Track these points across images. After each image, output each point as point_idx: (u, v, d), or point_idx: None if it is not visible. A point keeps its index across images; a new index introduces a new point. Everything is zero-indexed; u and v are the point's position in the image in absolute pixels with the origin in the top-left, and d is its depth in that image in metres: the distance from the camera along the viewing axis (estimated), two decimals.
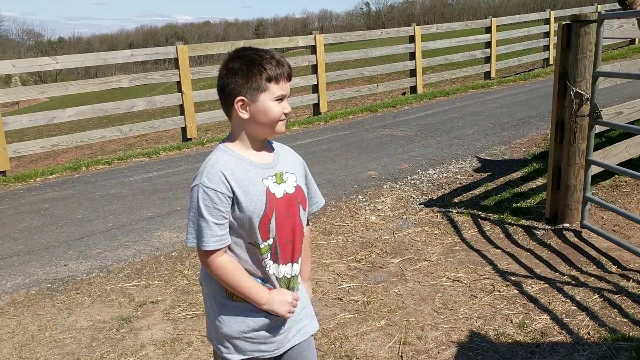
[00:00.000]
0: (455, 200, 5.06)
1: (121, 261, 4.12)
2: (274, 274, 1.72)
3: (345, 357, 2.90)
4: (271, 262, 1.71)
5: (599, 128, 4.77)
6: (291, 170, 1.77)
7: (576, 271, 3.71)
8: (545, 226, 4.39)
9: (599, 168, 4.39)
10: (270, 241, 1.69)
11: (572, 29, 4.12)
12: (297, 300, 1.76)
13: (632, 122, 4.84)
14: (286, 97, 1.71)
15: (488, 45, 12.90)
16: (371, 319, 3.25)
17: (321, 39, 10.02)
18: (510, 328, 3.08)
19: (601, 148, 4.65)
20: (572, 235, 4.21)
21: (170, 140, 11.53)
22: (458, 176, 5.64)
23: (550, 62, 13.90)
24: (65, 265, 4.09)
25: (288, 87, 1.71)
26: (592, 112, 4.07)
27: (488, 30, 12.91)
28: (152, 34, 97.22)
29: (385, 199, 5.14)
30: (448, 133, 7.47)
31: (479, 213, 4.73)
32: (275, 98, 1.67)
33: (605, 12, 3.89)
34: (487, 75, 13.04)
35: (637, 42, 15.06)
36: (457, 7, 76.79)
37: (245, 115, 1.68)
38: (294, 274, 1.77)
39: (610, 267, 3.73)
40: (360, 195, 5.22)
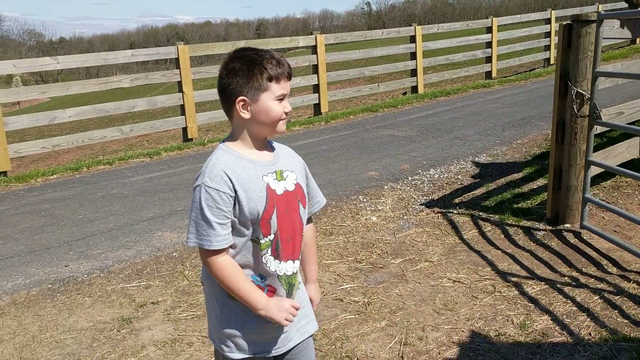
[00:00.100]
0: (456, 200, 5.06)
1: (122, 262, 4.12)
2: (275, 271, 1.71)
3: (346, 358, 2.90)
4: (272, 258, 1.71)
5: (601, 128, 4.77)
6: (291, 168, 1.78)
7: (577, 272, 3.70)
8: (546, 227, 4.39)
9: (600, 169, 4.38)
10: (271, 237, 1.69)
11: (573, 29, 4.11)
12: (297, 309, 1.73)
13: (633, 122, 4.83)
14: (286, 97, 1.72)
15: (489, 45, 12.90)
16: (372, 320, 3.25)
17: (322, 39, 10.02)
18: (511, 329, 3.08)
19: (603, 148, 4.65)
20: (573, 236, 4.21)
21: (171, 140, 11.54)
22: (459, 177, 5.64)
23: (552, 61, 13.89)
24: (66, 266, 4.09)
25: (288, 86, 1.72)
26: (591, 113, 4.07)
27: (489, 30, 12.91)
28: (153, 34, 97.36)
29: (386, 200, 5.14)
30: (449, 133, 7.47)
31: (480, 214, 4.72)
32: (276, 97, 1.68)
33: (604, 12, 3.88)
34: (488, 75, 13.03)
35: (638, 42, 15.04)
36: (458, 6, 76.81)
37: (246, 115, 1.69)
38: (295, 271, 1.77)
39: (611, 268, 3.72)
40: (361, 195, 5.22)
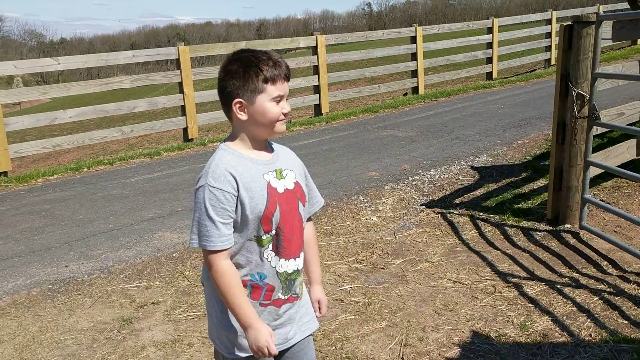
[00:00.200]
0: (457, 201, 5.06)
1: (122, 262, 4.12)
2: (275, 267, 1.71)
3: (346, 359, 2.90)
4: (273, 254, 1.71)
5: (602, 129, 4.77)
6: (290, 167, 1.80)
7: (577, 273, 3.70)
8: (547, 227, 4.39)
9: (600, 169, 4.38)
10: (273, 233, 1.69)
11: (573, 30, 4.11)
12: (274, 355, 1.69)
13: (634, 123, 4.83)
14: (284, 97, 1.71)
15: (490, 45, 12.90)
16: (372, 321, 3.24)
17: (323, 40, 10.02)
18: (512, 329, 3.08)
19: (604, 149, 4.64)
20: (573, 237, 4.21)
21: (171, 140, 11.54)
22: (459, 177, 5.64)
23: (552, 62, 13.88)
24: (66, 266, 4.09)
25: (286, 87, 1.71)
26: (590, 114, 4.07)
27: (490, 30, 12.90)
28: (154, 34, 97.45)
29: (387, 200, 5.14)
30: (449, 134, 7.47)
31: (480, 214, 4.72)
32: (272, 99, 1.68)
33: (604, 13, 3.88)
34: (489, 75, 13.03)
35: (639, 42, 15.04)
36: (458, 7, 76.85)
37: (243, 117, 1.70)
38: (296, 269, 1.77)
39: (611, 269, 3.72)
40: (361, 196, 5.21)
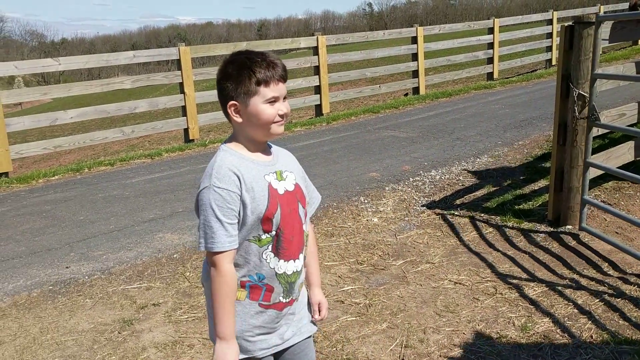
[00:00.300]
0: (458, 202, 5.05)
1: (123, 263, 4.12)
2: (274, 268, 1.71)
3: None
4: (272, 255, 1.71)
5: (602, 130, 4.75)
6: (290, 169, 1.80)
7: (578, 274, 3.69)
8: (548, 228, 4.38)
9: (600, 170, 4.37)
10: (273, 233, 1.69)
11: (574, 31, 4.11)
12: None
13: (635, 123, 4.82)
14: (280, 98, 1.70)
15: (491, 46, 12.89)
16: (373, 322, 3.24)
17: (323, 40, 10.00)
18: (513, 331, 3.07)
19: (605, 149, 4.64)
20: (574, 238, 4.20)
21: (172, 141, 11.54)
22: (460, 178, 5.63)
23: (553, 63, 13.88)
24: (67, 267, 4.09)
25: (281, 88, 1.70)
26: (589, 114, 4.06)
27: (491, 31, 12.89)
28: (155, 34, 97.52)
29: (387, 201, 5.13)
30: (450, 134, 7.46)
31: (481, 215, 4.71)
32: (266, 101, 1.67)
33: (604, 13, 3.88)
34: (490, 76, 13.02)
35: (639, 42, 15.02)
36: (459, 7, 76.82)
37: (238, 119, 1.70)
38: (295, 270, 1.76)
39: (612, 270, 3.71)
40: (362, 196, 5.21)
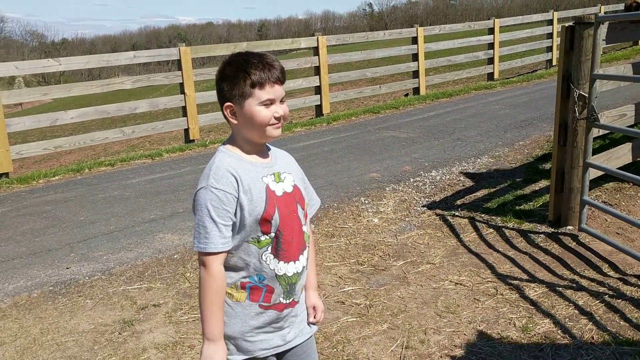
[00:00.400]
0: (458, 202, 5.05)
1: (123, 264, 4.11)
2: (274, 269, 1.71)
3: None
4: (272, 256, 1.70)
5: (603, 131, 4.75)
6: (288, 170, 1.79)
7: (579, 275, 3.69)
8: (549, 229, 4.38)
9: (600, 171, 4.36)
10: (272, 235, 1.69)
11: (575, 31, 4.10)
12: None
13: (636, 124, 4.81)
14: (277, 101, 1.69)
15: (491, 46, 12.89)
16: (373, 323, 3.24)
17: (324, 41, 10.00)
18: (514, 332, 3.07)
19: (606, 150, 4.63)
20: (575, 239, 4.20)
21: (173, 141, 11.54)
22: (461, 178, 5.63)
23: (554, 63, 13.88)
24: (67, 268, 4.09)
25: (278, 90, 1.69)
26: (589, 115, 4.06)
27: (491, 31, 12.90)
28: (155, 34, 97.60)
29: (388, 201, 5.13)
30: (451, 135, 7.46)
31: (482, 216, 4.71)
32: (261, 103, 1.66)
33: (604, 14, 3.88)
34: (490, 76, 13.02)
35: None
36: (460, 8, 76.85)
37: (234, 120, 1.70)
38: (296, 272, 1.76)
39: (613, 271, 3.71)
40: (362, 197, 5.21)
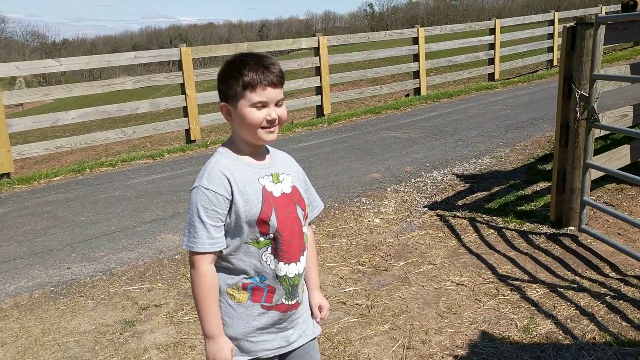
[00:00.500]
0: (460, 203, 5.05)
1: (124, 264, 4.11)
2: (274, 270, 1.71)
3: None
4: (272, 257, 1.70)
5: (605, 131, 4.75)
6: (287, 171, 1.79)
7: (580, 275, 3.69)
8: (550, 229, 4.37)
9: (601, 172, 4.36)
10: (271, 236, 1.69)
11: (576, 32, 4.10)
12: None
13: (636, 125, 4.80)
14: (270, 104, 1.67)
15: (492, 46, 12.89)
16: (375, 323, 3.23)
17: (325, 41, 10.01)
18: (515, 332, 3.06)
19: (607, 150, 4.62)
20: (576, 239, 4.19)
21: (174, 141, 11.54)
22: (462, 179, 5.63)
23: (555, 63, 13.87)
24: (68, 268, 4.09)
25: (270, 93, 1.67)
26: (589, 116, 4.05)
27: (492, 31, 12.89)
28: (156, 35, 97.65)
29: (389, 202, 5.13)
30: (452, 135, 7.46)
31: (483, 216, 4.71)
32: (252, 105, 1.66)
33: (605, 14, 3.87)
34: (491, 76, 13.02)
35: None
36: (460, 8, 76.83)
37: (230, 120, 1.72)
38: (297, 273, 1.76)
39: (614, 272, 3.70)
40: (364, 197, 5.20)
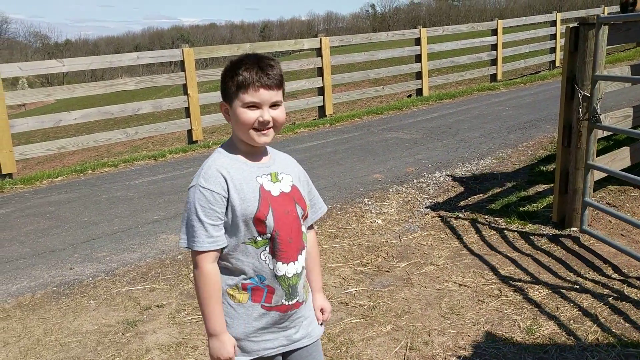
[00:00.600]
0: (462, 203, 5.04)
1: (127, 264, 4.11)
2: (273, 269, 1.71)
3: None
4: (270, 257, 1.71)
5: (608, 132, 4.74)
6: (287, 171, 1.80)
7: (583, 276, 3.68)
8: (552, 230, 4.36)
9: (603, 173, 4.35)
10: (268, 235, 1.69)
11: (579, 32, 4.09)
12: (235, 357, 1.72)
13: (636, 126, 4.79)
14: (264, 106, 1.67)
15: (494, 47, 12.87)
16: (377, 324, 3.23)
17: (327, 42, 10.00)
18: (518, 333, 3.06)
19: (610, 151, 4.61)
20: (579, 240, 4.18)
21: (176, 142, 11.54)
22: (464, 179, 5.62)
23: (557, 64, 13.85)
24: (70, 269, 4.09)
25: (264, 94, 1.66)
26: (591, 116, 4.04)
27: (494, 32, 12.88)
28: (158, 35, 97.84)
29: (391, 202, 5.12)
30: (454, 136, 7.45)
31: (486, 217, 4.70)
32: (244, 105, 1.67)
33: (608, 15, 3.86)
34: (493, 77, 13.01)
35: None
36: (463, 8, 76.80)
37: (228, 119, 1.75)
38: (296, 272, 1.76)
39: (617, 274, 3.69)
40: (366, 198, 5.20)
